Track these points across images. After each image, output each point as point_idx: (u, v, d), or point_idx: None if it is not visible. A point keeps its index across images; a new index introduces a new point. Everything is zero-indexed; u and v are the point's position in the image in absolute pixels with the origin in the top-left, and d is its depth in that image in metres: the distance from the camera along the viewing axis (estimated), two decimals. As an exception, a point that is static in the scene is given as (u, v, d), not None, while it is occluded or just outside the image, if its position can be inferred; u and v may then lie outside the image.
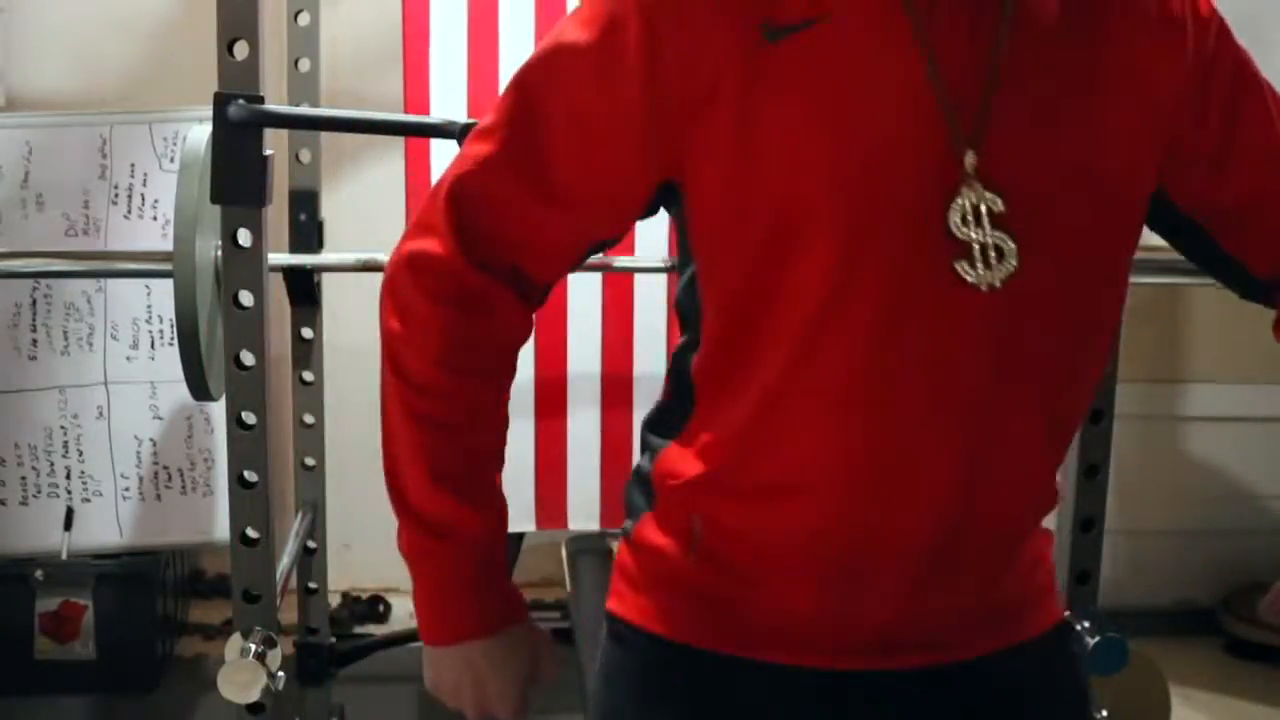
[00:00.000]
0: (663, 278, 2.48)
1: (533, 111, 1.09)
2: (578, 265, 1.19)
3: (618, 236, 1.16)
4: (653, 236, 2.58)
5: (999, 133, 1.04)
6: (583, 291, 2.59)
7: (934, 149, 1.03)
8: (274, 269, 1.94)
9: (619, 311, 2.54)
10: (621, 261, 2.49)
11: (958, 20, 1.04)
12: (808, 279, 1.04)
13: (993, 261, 1.03)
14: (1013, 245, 1.03)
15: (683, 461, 1.16)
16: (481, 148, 1.11)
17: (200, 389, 1.94)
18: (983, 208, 1.03)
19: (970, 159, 1.03)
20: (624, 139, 1.07)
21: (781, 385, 1.08)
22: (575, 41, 1.07)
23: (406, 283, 1.14)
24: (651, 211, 1.15)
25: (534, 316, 1.17)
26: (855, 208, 1.03)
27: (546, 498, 2.40)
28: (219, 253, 1.77)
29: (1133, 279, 1.64)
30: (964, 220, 1.03)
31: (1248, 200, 1.16)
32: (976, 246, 1.03)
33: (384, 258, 2.38)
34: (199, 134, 1.83)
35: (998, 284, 1.03)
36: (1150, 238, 1.52)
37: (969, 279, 1.03)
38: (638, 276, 2.55)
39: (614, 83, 1.05)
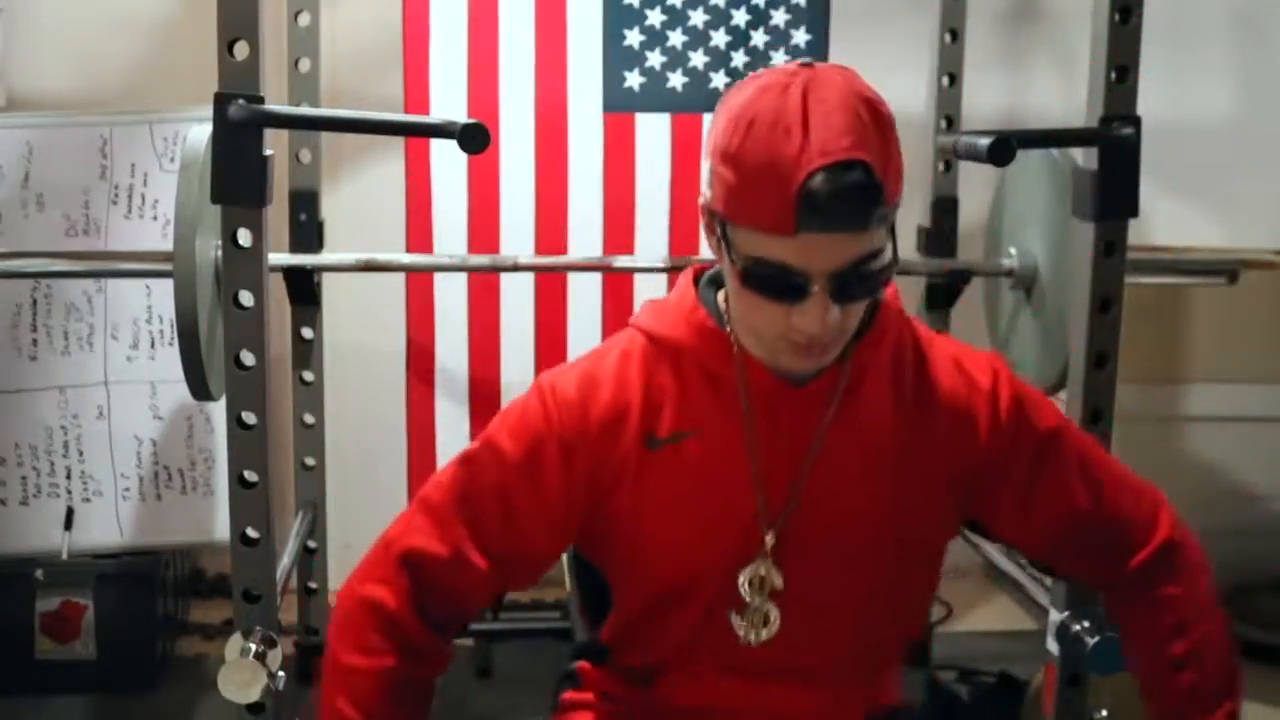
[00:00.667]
0: (663, 278, 2.48)
1: (476, 498, 1.38)
2: None
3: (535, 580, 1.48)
4: (653, 236, 2.59)
5: (798, 523, 1.35)
6: (583, 291, 2.59)
7: (745, 530, 1.35)
8: (274, 269, 1.94)
9: (619, 311, 2.55)
10: (621, 261, 2.49)
11: (781, 431, 1.34)
12: (688, 612, 1.40)
13: (758, 625, 1.37)
14: (776, 616, 1.36)
15: (600, 680, 1.50)
16: (432, 523, 1.39)
17: (200, 389, 1.94)
18: (767, 580, 1.36)
19: (770, 539, 1.35)
20: (547, 523, 1.39)
21: (670, 662, 1.43)
22: (509, 452, 1.38)
23: (366, 624, 1.37)
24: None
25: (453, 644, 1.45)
26: (702, 574, 1.37)
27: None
28: (219, 253, 1.77)
29: (1132, 279, 1.64)
30: (750, 584, 1.36)
31: (1051, 541, 1.46)
32: (751, 609, 1.37)
33: (384, 258, 2.42)
34: (199, 134, 1.83)
35: (762, 641, 1.37)
36: (1151, 237, 1.50)
37: (739, 632, 1.37)
38: (638, 276, 2.55)
39: (538, 486, 1.37)
